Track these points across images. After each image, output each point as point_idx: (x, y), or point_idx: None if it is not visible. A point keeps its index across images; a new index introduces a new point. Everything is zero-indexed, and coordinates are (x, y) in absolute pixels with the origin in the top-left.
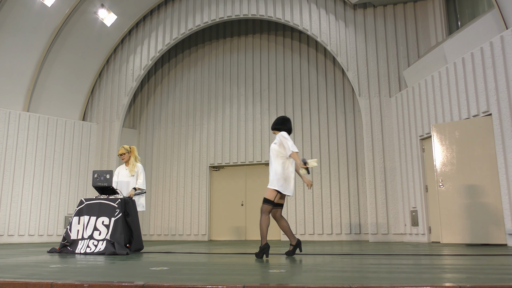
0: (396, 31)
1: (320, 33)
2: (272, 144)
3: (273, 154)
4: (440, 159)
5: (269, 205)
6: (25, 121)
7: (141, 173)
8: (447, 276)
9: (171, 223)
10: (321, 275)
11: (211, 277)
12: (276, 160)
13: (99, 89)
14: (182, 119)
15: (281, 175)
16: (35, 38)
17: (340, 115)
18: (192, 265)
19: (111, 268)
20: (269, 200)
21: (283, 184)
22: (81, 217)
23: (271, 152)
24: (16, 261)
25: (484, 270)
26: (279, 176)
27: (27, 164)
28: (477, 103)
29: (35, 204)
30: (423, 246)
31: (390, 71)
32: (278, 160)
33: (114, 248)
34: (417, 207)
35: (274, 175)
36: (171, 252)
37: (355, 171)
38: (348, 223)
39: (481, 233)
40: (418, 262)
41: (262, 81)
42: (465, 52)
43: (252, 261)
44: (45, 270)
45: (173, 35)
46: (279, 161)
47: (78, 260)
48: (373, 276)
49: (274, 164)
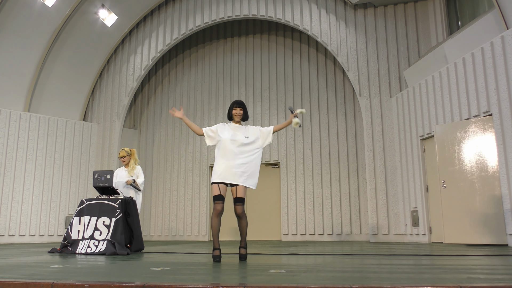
0: (396, 31)
1: (320, 33)
2: (249, 139)
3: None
4: (442, 159)
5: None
6: (25, 122)
7: (141, 173)
8: (448, 276)
9: (172, 223)
10: (322, 275)
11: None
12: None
13: (99, 89)
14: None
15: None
16: (36, 38)
17: (341, 115)
18: (193, 265)
19: (111, 268)
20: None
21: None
22: (82, 217)
23: (252, 145)
24: (17, 261)
25: (485, 270)
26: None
27: (27, 165)
28: (477, 103)
29: (36, 204)
30: (424, 246)
31: (391, 71)
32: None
33: (114, 248)
34: (417, 207)
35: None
36: (172, 252)
37: (355, 171)
38: (349, 223)
39: (483, 233)
40: (419, 263)
41: (263, 81)
42: (466, 52)
43: (252, 261)
44: (45, 270)
45: (174, 35)
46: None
47: (79, 260)
48: (374, 276)
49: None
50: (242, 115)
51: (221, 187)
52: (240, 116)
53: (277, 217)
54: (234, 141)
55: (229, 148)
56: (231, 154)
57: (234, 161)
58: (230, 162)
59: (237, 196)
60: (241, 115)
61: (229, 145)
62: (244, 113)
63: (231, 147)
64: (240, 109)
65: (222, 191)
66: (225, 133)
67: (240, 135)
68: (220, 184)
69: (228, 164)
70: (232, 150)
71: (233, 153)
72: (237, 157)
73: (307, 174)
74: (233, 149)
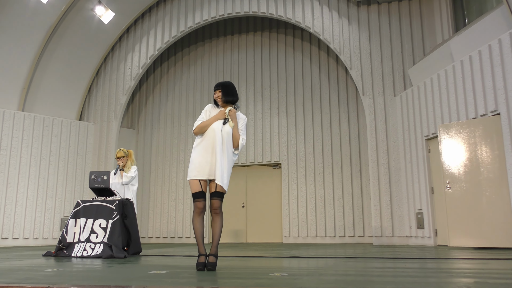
0: (401, 28)
1: (322, 30)
2: (227, 126)
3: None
4: (447, 160)
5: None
6: (20, 121)
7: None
8: (454, 280)
9: (170, 225)
10: (324, 279)
11: (211, 281)
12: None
13: (96, 88)
14: (182, 119)
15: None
16: (31, 35)
17: (343, 115)
18: (192, 268)
19: (108, 271)
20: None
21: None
22: (78, 220)
23: (228, 136)
24: (10, 265)
25: (492, 274)
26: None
27: (22, 165)
28: (485, 102)
29: (30, 206)
30: (429, 249)
31: (395, 69)
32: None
33: (111, 251)
34: (422, 209)
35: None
36: (170, 255)
37: (358, 172)
38: (352, 226)
39: (490, 236)
40: (424, 266)
41: (264, 80)
42: (473, 49)
43: (253, 265)
44: (40, 274)
45: (172, 33)
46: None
47: (75, 263)
48: (378, 280)
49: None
50: (223, 97)
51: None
52: (221, 99)
53: (278, 219)
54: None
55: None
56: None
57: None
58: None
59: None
60: (220, 98)
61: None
62: (224, 95)
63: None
64: (219, 91)
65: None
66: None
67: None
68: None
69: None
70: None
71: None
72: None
73: (308, 175)
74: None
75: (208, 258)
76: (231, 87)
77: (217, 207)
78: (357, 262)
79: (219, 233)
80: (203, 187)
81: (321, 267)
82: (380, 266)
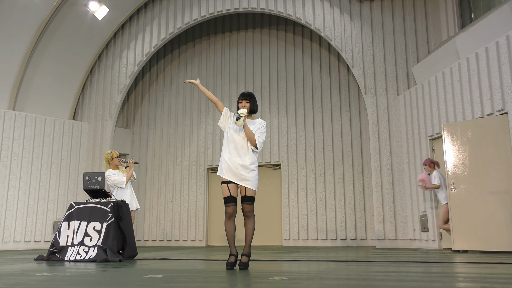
0: (404, 24)
1: (324, 27)
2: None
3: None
4: (452, 160)
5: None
6: (10, 120)
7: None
8: (460, 285)
9: (167, 228)
10: (325, 283)
11: (209, 285)
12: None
13: (90, 86)
14: (179, 118)
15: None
16: (21, 32)
17: (345, 114)
18: (189, 272)
19: (102, 276)
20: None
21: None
22: (71, 222)
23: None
24: (0, 269)
25: (500, 279)
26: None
27: (12, 166)
28: (491, 101)
29: (22, 208)
30: (434, 253)
31: (398, 67)
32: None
33: (106, 255)
34: (426, 211)
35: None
36: (167, 259)
37: (360, 173)
38: (354, 228)
39: (496, 239)
40: (428, 270)
41: (263, 78)
42: (479, 46)
43: (252, 269)
44: (31, 279)
45: (169, 29)
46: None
47: (68, 268)
48: (381, 284)
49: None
50: (249, 108)
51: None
52: (248, 109)
53: (278, 222)
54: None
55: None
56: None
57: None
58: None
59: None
60: (247, 108)
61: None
62: (251, 105)
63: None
64: (246, 102)
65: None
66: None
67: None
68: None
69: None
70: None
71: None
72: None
73: (309, 176)
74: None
75: (241, 258)
76: (255, 99)
77: (247, 211)
78: (359, 266)
79: (251, 234)
80: (232, 192)
81: (322, 271)
82: (383, 270)
